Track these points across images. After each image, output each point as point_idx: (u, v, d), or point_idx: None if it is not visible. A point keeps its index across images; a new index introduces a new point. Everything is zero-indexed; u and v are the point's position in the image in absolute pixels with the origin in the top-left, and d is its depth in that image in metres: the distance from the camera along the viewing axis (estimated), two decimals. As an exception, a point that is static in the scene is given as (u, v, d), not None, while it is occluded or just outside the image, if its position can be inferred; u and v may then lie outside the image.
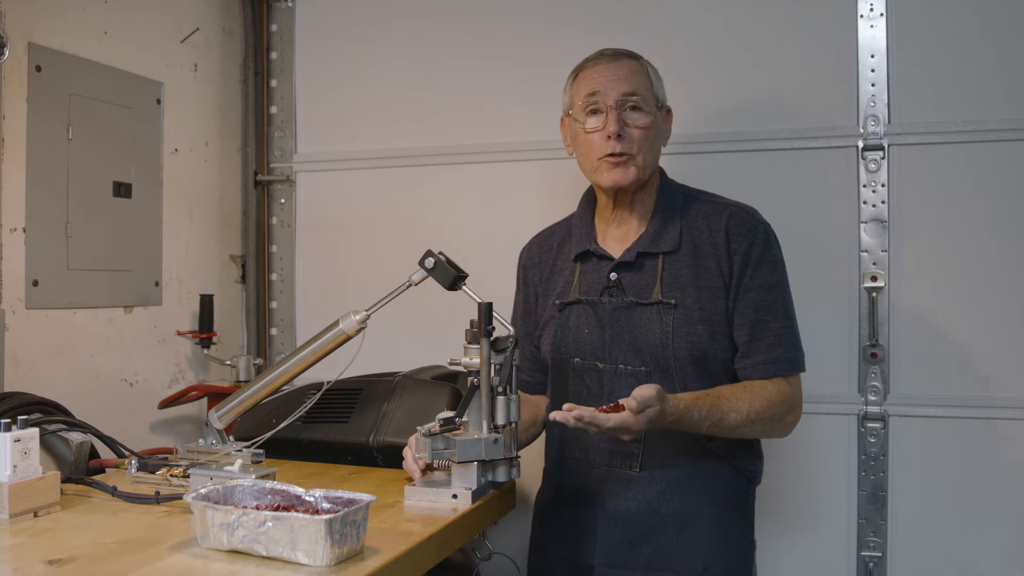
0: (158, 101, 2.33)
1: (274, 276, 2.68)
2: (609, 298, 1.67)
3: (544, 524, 1.79)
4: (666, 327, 1.62)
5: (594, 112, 1.65)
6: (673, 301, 1.62)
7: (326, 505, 1.29)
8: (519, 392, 1.82)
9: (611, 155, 1.63)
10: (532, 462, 1.86)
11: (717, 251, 1.64)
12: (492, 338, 1.53)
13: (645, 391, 1.42)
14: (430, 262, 1.61)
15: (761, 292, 1.63)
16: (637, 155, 1.63)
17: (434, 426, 1.55)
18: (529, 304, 1.86)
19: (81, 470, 1.71)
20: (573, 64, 1.74)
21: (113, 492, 1.56)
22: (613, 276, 1.68)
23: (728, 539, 1.65)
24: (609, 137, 1.62)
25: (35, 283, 1.96)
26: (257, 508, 1.27)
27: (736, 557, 1.66)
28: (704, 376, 1.62)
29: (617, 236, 1.73)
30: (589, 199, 1.80)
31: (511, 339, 1.55)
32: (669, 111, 1.73)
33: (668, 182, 1.75)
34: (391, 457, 1.80)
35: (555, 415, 1.42)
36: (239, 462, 1.58)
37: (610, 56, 1.68)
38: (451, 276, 1.61)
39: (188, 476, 1.62)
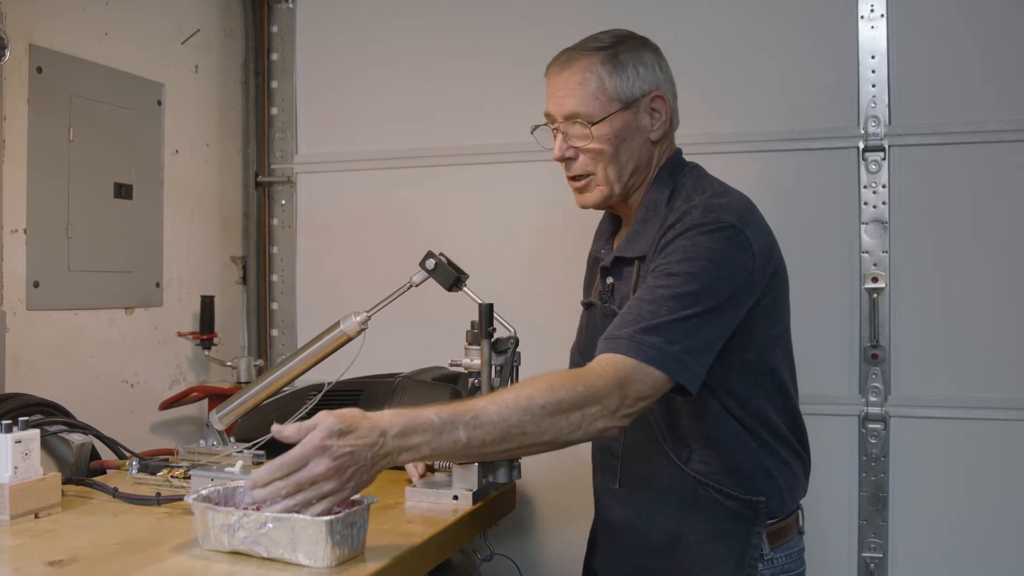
0: (159, 102, 2.33)
1: (275, 277, 2.68)
2: (600, 303, 1.58)
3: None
4: None
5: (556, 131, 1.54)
6: None
7: (327, 506, 1.29)
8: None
9: (569, 179, 1.55)
10: (540, 464, 1.86)
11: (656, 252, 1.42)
12: (493, 339, 1.53)
13: (310, 422, 1.21)
14: (431, 263, 1.61)
15: (655, 276, 1.36)
16: (597, 173, 1.49)
17: (435, 427, 1.55)
18: (586, 287, 1.74)
19: (82, 471, 1.71)
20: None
21: (114, 493, 1.56)
22: (609, 280, 1.57)
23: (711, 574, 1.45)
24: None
25: (36, 284, 1.96)
26: (258, 509, 1.27)
27: None
28: (660, 400, 1.35)
29: (621, 236, 1.61)
30: None
31: (512, 340, 1.55)
32: (657, 97, 1.50)
33: (665, 174, 1.52)
34: (392, 458, 1.80)
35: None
36: (240, 463, 1.58)
37: (560, 64, 1.52)
38: (452, 277, 1.61)
39: (189, 477, 1.62)
